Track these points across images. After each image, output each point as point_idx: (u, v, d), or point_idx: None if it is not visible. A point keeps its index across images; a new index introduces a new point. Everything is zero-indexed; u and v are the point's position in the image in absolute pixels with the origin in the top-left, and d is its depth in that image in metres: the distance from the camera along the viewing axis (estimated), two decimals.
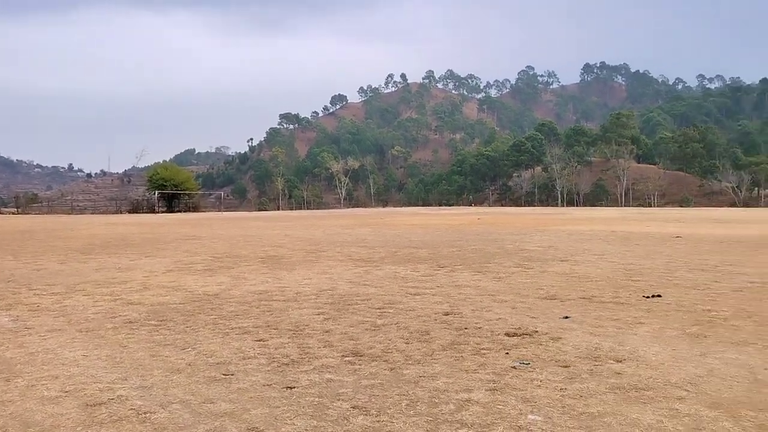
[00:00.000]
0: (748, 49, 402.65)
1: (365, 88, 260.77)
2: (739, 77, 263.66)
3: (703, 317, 6.56)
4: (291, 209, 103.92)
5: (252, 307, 7.26)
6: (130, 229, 25.49)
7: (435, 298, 7.74)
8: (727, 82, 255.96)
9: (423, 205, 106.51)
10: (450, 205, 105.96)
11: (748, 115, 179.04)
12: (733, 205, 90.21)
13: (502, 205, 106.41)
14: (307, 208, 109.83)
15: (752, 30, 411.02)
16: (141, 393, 4.21)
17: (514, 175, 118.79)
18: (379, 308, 7.09)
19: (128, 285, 9.25)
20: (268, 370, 4.67)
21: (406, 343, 5.42)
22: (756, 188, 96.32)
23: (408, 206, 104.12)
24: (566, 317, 6.55)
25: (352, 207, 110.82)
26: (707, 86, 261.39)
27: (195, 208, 68.10)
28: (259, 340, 5.60)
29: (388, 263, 11.80)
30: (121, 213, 63.07)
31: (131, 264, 12.15)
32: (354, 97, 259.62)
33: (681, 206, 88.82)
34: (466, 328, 5.98)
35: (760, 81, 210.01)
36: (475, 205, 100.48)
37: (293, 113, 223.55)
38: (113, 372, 4.70)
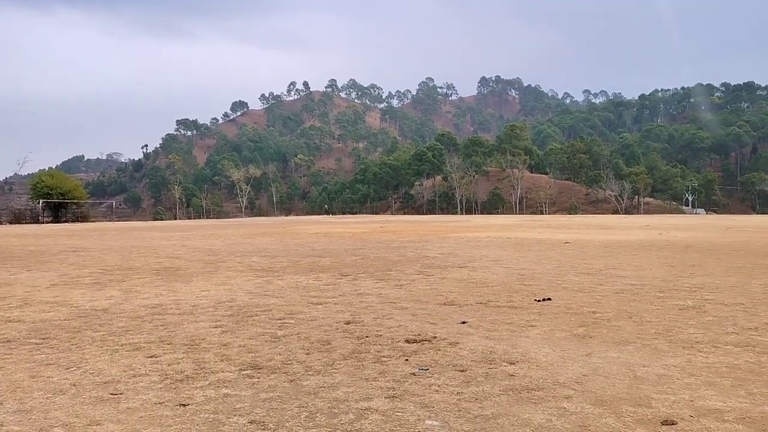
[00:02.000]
0: (629, 67, 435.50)
1: (267, 95, 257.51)
2: (620, 93, 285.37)
3: (588, 319, 6.94)
4: (189, 218, 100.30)
5: (144, 322, 6.91)
6: (10, 241, 23.59)
7: (337, 307, 7.70)
8: (610, 98, 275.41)
9: (326, 214, 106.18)
10: (354, 214, 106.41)
11: (629, 128, 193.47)
12: (616, 212, 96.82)
13: (404, 213, 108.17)
14: (207, 218, 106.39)
15: (632, 49, 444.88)
16: (18, 417, 3.88)
17: (416, 183, 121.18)
18: (279, 319, 6.96)
19: (7, 301, 8.53)
20: (161, 388, 4.45)
21: (306, 354, 5.35)
22: (636, 196, 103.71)
23: (311, 215, 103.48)
24: (464, 322, 6.70)
25: (254, 216, 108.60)
26: (592, 101, 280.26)
27: (84, 218, 64.23)
28: (151, 357, 5.33)
29: (290, 273, 11.64)
30: (1, 224, 58.29)
31: (11, 278, 11.23)
32: (255, 104, 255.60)
33: (569, 213, 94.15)
34: (367, 337, 5.98)
35: (639, 97, 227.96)
36: (329, 213, 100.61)
37: (191, 119, 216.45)
38: None
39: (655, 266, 12.60)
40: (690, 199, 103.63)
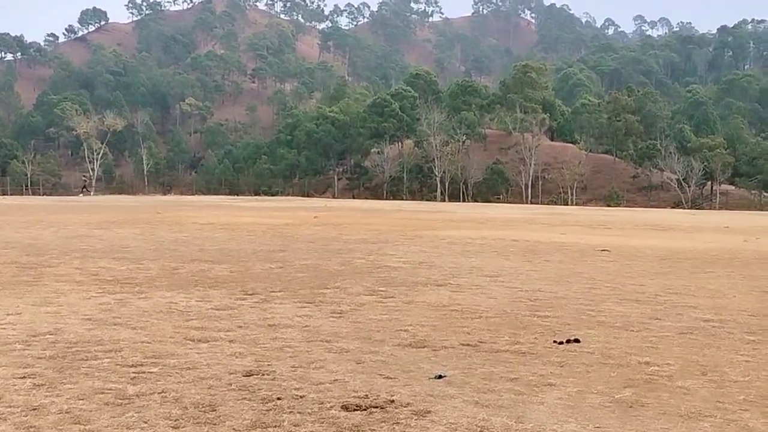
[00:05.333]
0: None
1: (139, 1, 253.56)
2: (690, 23, 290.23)
3: (638, 374, 6.84)
4: (4, 194, 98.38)
5: None
6: None
7: (233, 348, 7.56)
8: (675, 29, 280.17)
9: (230, 194, 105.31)
10: (273, 194, 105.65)
11: (702, 78, 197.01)
12: (678, 204, 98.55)
13: (353, 197, 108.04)
14: (34, 194, 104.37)
15: None
16: None
17: (374, 150, 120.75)
18: (134, 366, 6.75)
19: None
20: None
21: (174, 429, 5.09)
22: (709, 182, 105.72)
23: (206, 194, 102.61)
24: (440, 376, 6.58)
25: (111, 193, 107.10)
26: (648, 33, 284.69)
27: None
28: None
29: (160, 287, 11.54)
30: None
31: None
32: (119, 16, 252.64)
33: (608, 205, 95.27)
34: (279, 399, 5.79)
35: (718, 30, 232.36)
36: (85, 190, 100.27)
37: (14, 35, 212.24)
38: None
39: (739, 291, 12.70)
40: None
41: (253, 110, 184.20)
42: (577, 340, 8.17)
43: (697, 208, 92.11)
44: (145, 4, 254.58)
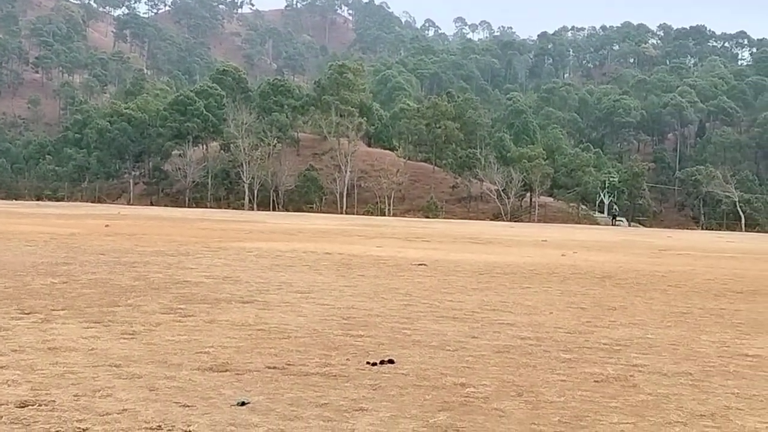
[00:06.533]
0: None
1: None
2: (512, 28, 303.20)
3: (454, 396, 6.98)
4: None
5: None
6: None
7: (5, 374, 7.22)
8: (496, 34, 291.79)
9: (7, 198, 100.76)
10: (59, 199, 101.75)
11: (522, 85, 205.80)
12: (497, 216, 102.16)
13: (152, 203, 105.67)
14: None
15: None
16: None
17: (175, 153, 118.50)
18: None
19: None
20: None
21: None
22: (527, 193, 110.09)
23: None
24: (243, 403, 6.51)
25: None
26: (468, 36, 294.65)
27: None
28: None
29: None
30: None
31: None
32: None
33: (427, 216, 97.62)
34: None
35: (538, 36, 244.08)
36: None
37: None
38: None
39: (556, 308, 13.30)
40: (606, 202, 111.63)
41: (35, 104, 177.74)
42: (391, 361, 8.25)
43: (516, 221, 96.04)
44: None
